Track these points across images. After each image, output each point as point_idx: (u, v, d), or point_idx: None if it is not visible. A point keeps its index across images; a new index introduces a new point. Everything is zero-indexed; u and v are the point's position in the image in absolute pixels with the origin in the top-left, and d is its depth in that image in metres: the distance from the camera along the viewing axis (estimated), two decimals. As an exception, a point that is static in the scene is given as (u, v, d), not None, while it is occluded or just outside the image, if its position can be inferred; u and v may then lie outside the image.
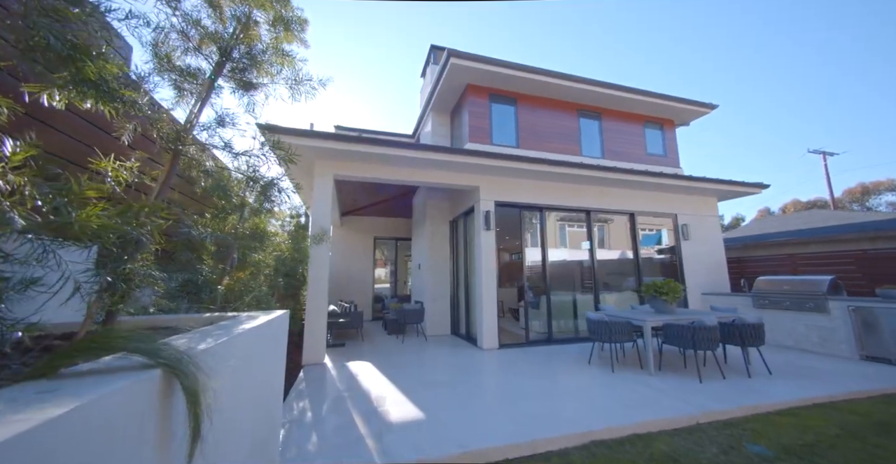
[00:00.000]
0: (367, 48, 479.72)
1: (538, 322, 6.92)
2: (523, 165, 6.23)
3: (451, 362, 5.26)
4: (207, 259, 2.76)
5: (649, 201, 7.80)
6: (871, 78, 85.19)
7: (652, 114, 9.29)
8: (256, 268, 3.49)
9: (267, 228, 3.20)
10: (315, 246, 5.44)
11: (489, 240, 6.49)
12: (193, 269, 2.51)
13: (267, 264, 4.64)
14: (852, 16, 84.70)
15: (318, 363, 5.28)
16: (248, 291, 3.11)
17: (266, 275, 4.45)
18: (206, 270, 2.57)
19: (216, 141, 2.13)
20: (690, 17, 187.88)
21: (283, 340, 2.48)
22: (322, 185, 5.71)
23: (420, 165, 6.10)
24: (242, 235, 2.85)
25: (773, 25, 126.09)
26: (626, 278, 7.72)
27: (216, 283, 2.65)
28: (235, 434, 1.50)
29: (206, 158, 2.12)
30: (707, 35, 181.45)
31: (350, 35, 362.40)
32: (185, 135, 1.85)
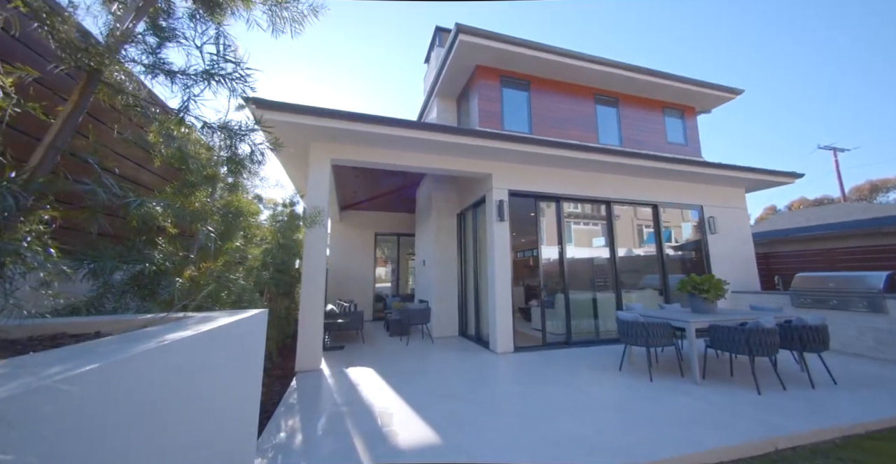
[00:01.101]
0: (368, 48, 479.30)
1: (554, 323, 6.33)
2: (540, 148, 5.64)
3: (463, 369, 4.67)
4: (167, 245, 2.17)
5: (673, 192, 7.21)
6: (872, 77, 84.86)
7: (672, 100, 8.70)
8: (235, 257, 2.90)
9: (249, 209, 2.60)
10: (310, 236, 4.85)
11: (503, 232, 5.90)
12: (140, 255, 1.92)
13: (252, 256, 4.06)
14: (852, 16, 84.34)
15: (314, 370, 4.69)
16: (222, 285, 2.52)
17: (251, 268, 3.86)
18: (158, 256, 1.98)
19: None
20: (690, 17, 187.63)
21: (256, 346, 1.89)
22: (318, 171, 5.11)
23: (427, 149, 5.51)
24: (209, 211, 2.25)
25: (773, 25, 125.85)
26: (643, 276, 7.12)
27: (177, 274, 2.06)
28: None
29: (142, 91, 1.52)
30: (707, 35, 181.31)
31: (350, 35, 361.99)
32: (109, 50, 1.26)
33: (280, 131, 4.78)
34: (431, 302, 7.30)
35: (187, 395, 1.11)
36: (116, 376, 0.80)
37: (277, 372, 4.85)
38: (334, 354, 5.75)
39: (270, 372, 4.80)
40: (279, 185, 3.14)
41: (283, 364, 5.24)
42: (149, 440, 0.91)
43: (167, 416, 0.99)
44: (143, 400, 0.88)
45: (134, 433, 0.84)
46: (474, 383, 4.04)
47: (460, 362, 5.06)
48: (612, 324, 6.50)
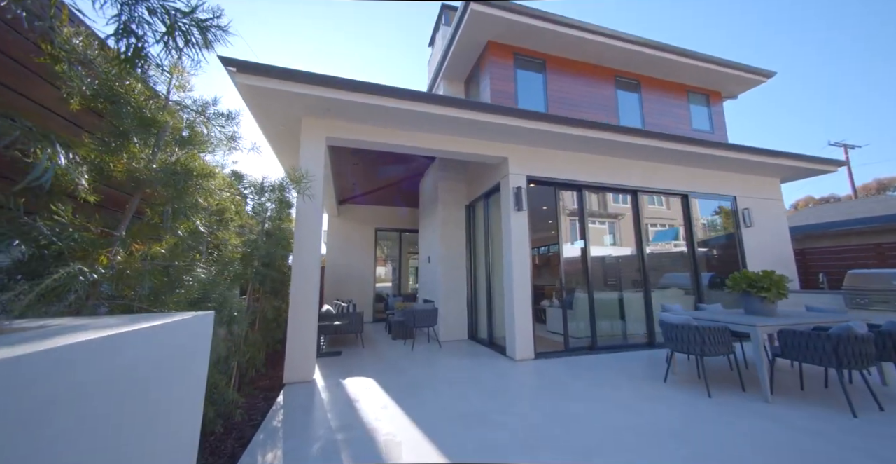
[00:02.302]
0: (368, 48, 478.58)
1: (574, 326, 5.66)
2: (564, 128, 4.97)
3: (479, 379, 4.00)
4: (74, 217, 1.49)
5: (704, 181, 6.56)
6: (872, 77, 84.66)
7: (696, 84, 8.04)
8: (197, 242, 2.22)
9: (205, 171, 1.91)
10: (302, 225, 4.17)
11: (521, 223, 5.23)
12: (16, 228, 1.24)
13: (232, 247, 3.38)
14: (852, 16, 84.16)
15: (306, 381, 4.01)
16: (172, 278, 1.85)
17: (230, 260, 3.18)
18: (47, 230, 1.30)
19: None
20: (690, 17, 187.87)
21: (192, 361, 1.21)
22: (311, 150, 4.44)
23: (437, 127, 4.83)
24: (145, 171, 1.57)
25: (773, 25, 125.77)
26: (662, 274, 6.44)
27: (84, 258, 1.38)
28: None
29: None
30: (707, 35, 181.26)
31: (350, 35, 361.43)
32: None
33: (267, 103, 4.11)
34: (438, 302, 6.63)
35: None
36: None
37: (264, 383, 4.17)
38: (330, 361, 5.07)
39: (255, 383, 4.12)
40: (256, 149, 2.45)
41: (272, 373, 4.56)
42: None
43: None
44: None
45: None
46: (497, 398, 3.37)
47: (475, 370, 4.38)
48: (639, 327, 5.85)
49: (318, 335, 5.59)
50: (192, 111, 1.80)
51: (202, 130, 1.93)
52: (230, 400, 2.75)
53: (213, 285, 2.56)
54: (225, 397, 2.73)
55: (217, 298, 2.54)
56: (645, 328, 5.83)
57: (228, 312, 2.88)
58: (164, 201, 1.73)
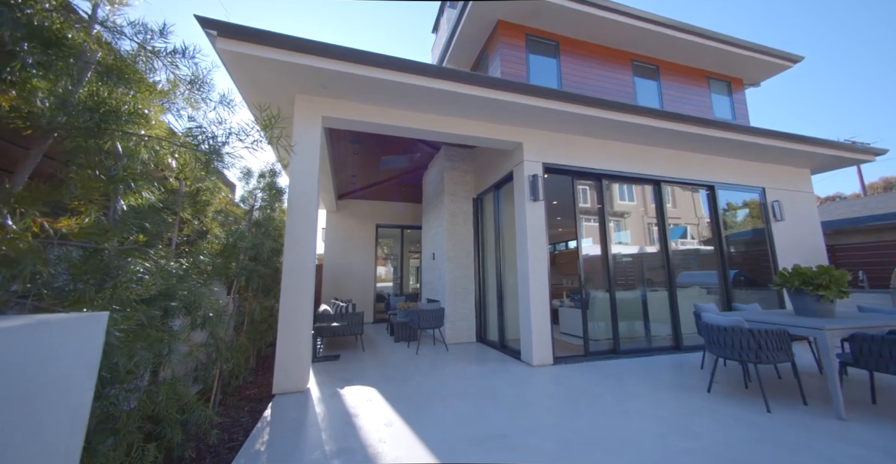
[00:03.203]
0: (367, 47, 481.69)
1: (592, 327, 5.17)
2: (584, 109, 4.50)
3: (496, 389, 3.52)
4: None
5: (731, 171, 6.08)
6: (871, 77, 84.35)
7: (718, 70, 7.57)
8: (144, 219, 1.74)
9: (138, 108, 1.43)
10: (294, 213, 3.70)
11: (537, 214, 4.75)
12: None
13: (211, 237, 2.91)
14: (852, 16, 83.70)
15: (299, 391, 3.53)
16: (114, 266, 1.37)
17: (213, 252, 2.70)
18: None
19: None
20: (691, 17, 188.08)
21: (60, 386, 0.71)
22: (305, 131, 3.96)
23: (445, 107, 4.36)
24: (52, 111, 1.09)
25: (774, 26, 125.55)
26: (679, 273, 5.94)
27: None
28: None
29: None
30: (722, 16, 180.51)
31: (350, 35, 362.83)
32: None
33: (256, 76, 3.64)
34: (443, 302, 6.16)
35: None
36: None
37: (251, 392, 3.70)
38: (327, 366, 4.60)
39: (241, 393, 3.64)
40: (227, 102, 1.96)
41: (262, 380, 4.09)
42: None
43: None
44: None
45: None
46: (520, 413, 2.89)
47: (489, 378, 3.91)
48: (663, 329, 5.37)
49: (315, 338, 5.12)
50: (125, 35, 1.32)
51: (145, 68, 1.46)
52: (204, 419, 2.28)
53: (181, 280, 2.08)
54: (197, 416, 2.25)
55: (185, 296, 2.07)
56: (670, 330, 5.36)
57: (203, 314, 2.41)
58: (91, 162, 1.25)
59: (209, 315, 2.39)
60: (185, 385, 2.79)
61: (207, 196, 2.55)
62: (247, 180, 3.71)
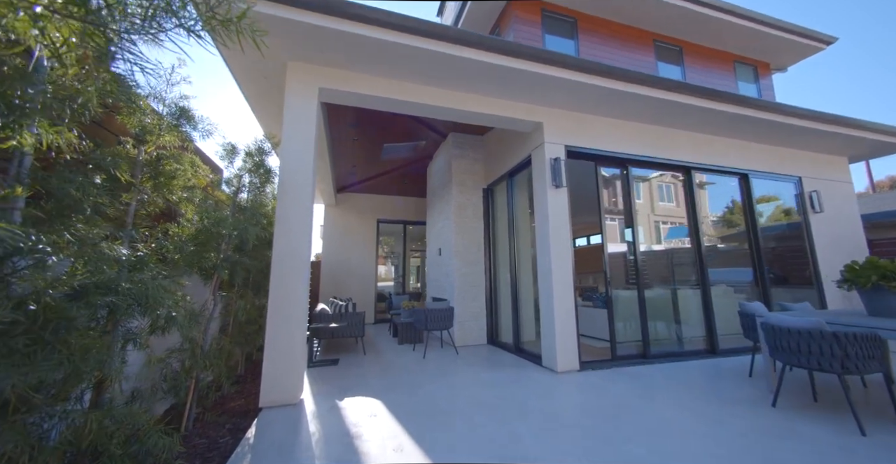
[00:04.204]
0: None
1: (618, 329, 4.67)
2: (616, 83, 4.00)
3: (521, 401, 3.01)
4: None
5: (765, 158, 5.59)
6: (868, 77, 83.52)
7: (745, 53, 7.07)
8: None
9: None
10: (285, 198, 3.19)
11: (560, 202, 4.25)
12: None
13: (184, 221, 2.41)
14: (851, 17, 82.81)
15: (290, 404, 3.02)
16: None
17: (182, 239, 2.20)
18: None
19: None
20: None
21: None
22: (300, 103, 3.46)
23: (457, 81, 3.86)
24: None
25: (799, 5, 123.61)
26: (685, 270, 5.42)
27: None
28: None
29: None
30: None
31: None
32: None
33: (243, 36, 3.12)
34: (451, 301, 5.65)
35: None
36: None
37: (236, 404, 3.19)
38: (324, 372, 4.09)
39: (223, 405, 3.13)
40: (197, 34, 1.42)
41: (250, 389, 3.57)
42: None
43: None
44: None
45: None
46: (558, 434, 2.38)
47: (510, 387, 3.40)
48: (695, 331, 4.87)
49: (311, 340, 4.62)
50: None
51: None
52: (162, 449, 1.76)
53: (135, 270, 1.58)
54: (154, 445, 1.74)
55: (131, 291, 1.56)
56: (703, 332, 4.86)
57: (166, 313, 1.90)
58: None
59: (172, 315, 1.88)
60: (148, 402, 2.29)
61: (171, 165, 2.04)
62: (230, 160, 3.20)
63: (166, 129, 2.06)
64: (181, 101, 2.17)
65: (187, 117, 2.15)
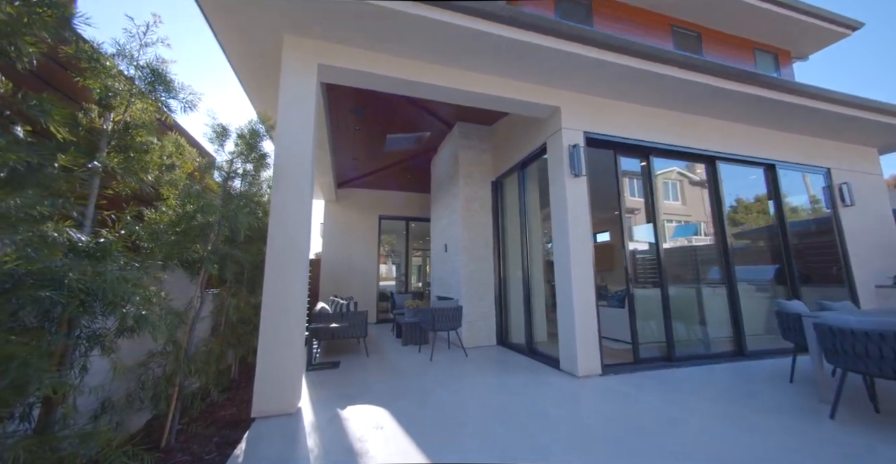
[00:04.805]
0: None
1: (627, 331, 4.36)
2: (645, 62, 3.69)
3: (543, 410, 2.70)
4: None
5: (793, 148, 5.27)
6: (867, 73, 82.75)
7: (765, 40, 6.74)
8: None
9: None
10: (281, 186, 2.88)
11: (580, 192, 3.93)
12: None
13: (164, 206, 2.10)
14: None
15: (286, 414, 2.71)
16: None
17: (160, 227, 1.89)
18: None
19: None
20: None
21: None
22: (297, 81, 3.14)
23: (468, 58, 3.54)
24: None
25: None
26: (709, 268, 5.09)
27: None
28: None
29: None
30: None
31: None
32: None
33: (233, 8, 2.81)
34: (458, 299, 5.34)
35: None
36: None
37: (226, 413, 2.88)
38: (325, 376, 3.78)
39: (212, 415, 2.82)
40: None
41: (243, 396, 3.26)
42: None
43: None
44: None
45: None
46: (592, 451, 2.07)
47: (529, 394, 3.08)
48: (722, 331, 4.55)
49: (310, 341, 4.31)
50: None
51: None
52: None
53: (94, 259, 1.27)
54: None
55: (85, 284, 1.24)
56: (729, 332, 4.54)
57: (134, 311, 1.59)
58: None
59: (142, 313, 1.57)
60: (122, 414, 1.98)
61: (141, 137, 1.72)
62: (221, 143, 2.89)
63: (137, 95, 1.74)
64: (158, 65, 1.85)
65: (164, 83, 1.83)
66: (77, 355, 1.60)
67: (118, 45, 1.71)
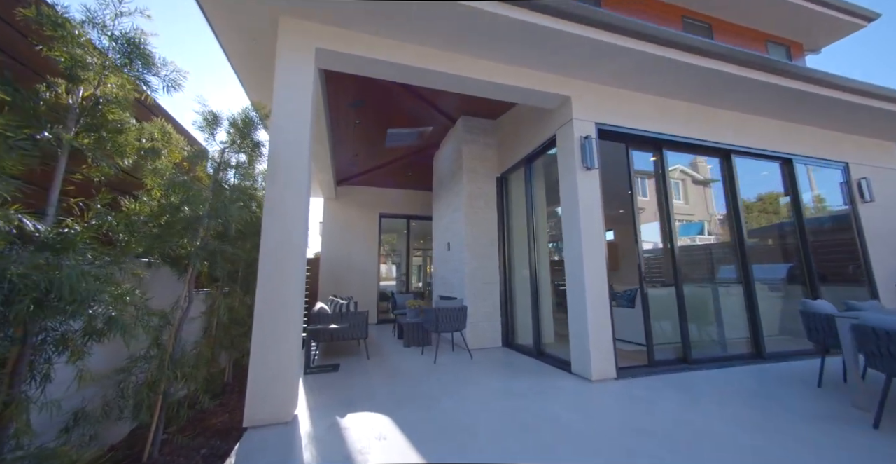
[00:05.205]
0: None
1: (641, 331, 4.16)
2: (666, 50, 3.49)
3: (562, 420, 2.50)
4: None
5: (811, 141, 5.07)
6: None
7: (777, 32, 6.55)
8: None
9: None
10: (280, 171, 2.69)
11: (592, 186, 3.74)
12: None
13: (146, 196, 1.90)
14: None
15: (281, 423, 2.51)
16: None
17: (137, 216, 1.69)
18: None
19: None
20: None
21: None
22: (294, 66, 2.95)
23: (475, 45, 3.34)
24: None
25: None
26: (723, 266, 4.87)
27: None
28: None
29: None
30: None
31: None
32: None
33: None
34: (463, 299, 5.14)
35: None
36: None
37: (217, 421, 2.69)
38: (323, 380, 3.58)
39: (203, 423, 2.63)
40: None
41: (236, 401, 3.07)
42: None
43: None
44: None
45: None
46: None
47: (543, 400, 2.88)
48: (737, 332, 4.35)
49: (309, 343, 4.11)
50: None
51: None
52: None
53: (56, 252, 1.07)
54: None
55: (35, 280, 1.05)
56: (745, 333, 4.35)
57: (103, 312, 1.39)
58: None
59: (111, 315, 1.37)
60: (97, 427, 1.78)
61: (115, 114, 1.52)
62: (212, 132, 2.69)
63: (112, 69, 1.55)
64: (136, 36, 1.65)
65: (142, 56, 1.63)
66: (41, 362, 1.40)
67: (88, 13, 1.51)
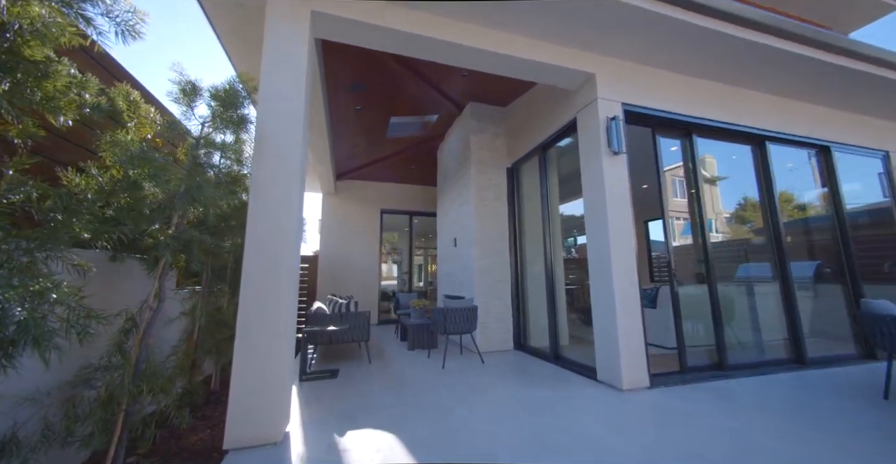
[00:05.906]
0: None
1: (665, 333, 3.79)
2: (714, 21, 3.10)
3: (594, 435, 2.12)
4: None
5: (849, 128, 4.69)
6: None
7: (807, 14, 6.12)
8: None
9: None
10: (268, 151, 2.32)
11: (619, 173, 3.36)
12: None
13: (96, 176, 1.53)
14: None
15: (270, 444, 2.14)
16: None
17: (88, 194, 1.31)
18: None
19: None
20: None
21: None
22: (286, 32, 2.57)
23: (488, 15, 2.96)
24: None
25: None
26: (737, 264, 4.49)
27: None
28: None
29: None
30: None
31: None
32: None
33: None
34: (473, 299, 4.76)
35: None
36: None
37: (195, 440, 2.31)
38: (321, 388, 3.21)
39: (182, 441, 2.26)
40: None
41: (219, 414, 2.69)
42: None
43: None
44: None
45: None
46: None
47: (570, 413, 2.51)
48: (774, 334, 3.98)
49: (305, 346, 3.74)
50: None
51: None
52: None
53: None
54: None
55: None
56: (783, 336, 3.97)
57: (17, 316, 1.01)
58: None
59: (20, 319, 0.99)
60: (34, 455, 1.42)
61: (35, 50, 1.14)
62: (190, 104, 2.32)
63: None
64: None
65: (81, -16, 1.27)
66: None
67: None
